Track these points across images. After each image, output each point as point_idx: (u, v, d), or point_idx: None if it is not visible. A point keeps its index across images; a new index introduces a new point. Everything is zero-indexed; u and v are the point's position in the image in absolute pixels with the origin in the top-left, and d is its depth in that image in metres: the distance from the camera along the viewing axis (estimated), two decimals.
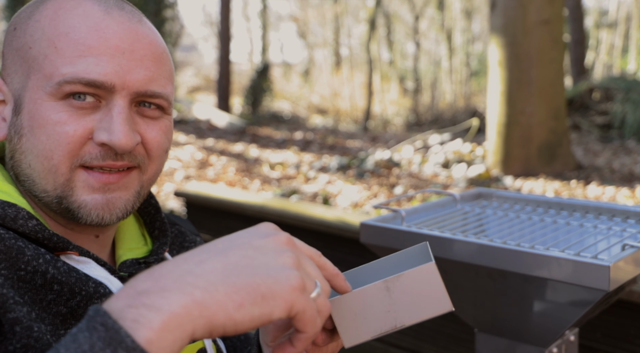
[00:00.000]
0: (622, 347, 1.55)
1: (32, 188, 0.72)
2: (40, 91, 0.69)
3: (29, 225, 0.68)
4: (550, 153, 6.70)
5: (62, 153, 0.69)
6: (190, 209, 2.84)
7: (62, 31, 0.69)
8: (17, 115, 0.71)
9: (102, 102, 0.71)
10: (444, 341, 1.91)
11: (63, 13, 0.71)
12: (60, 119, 0.69)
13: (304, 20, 24.27)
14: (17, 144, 0.71)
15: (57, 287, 0.67)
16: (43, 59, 0.69)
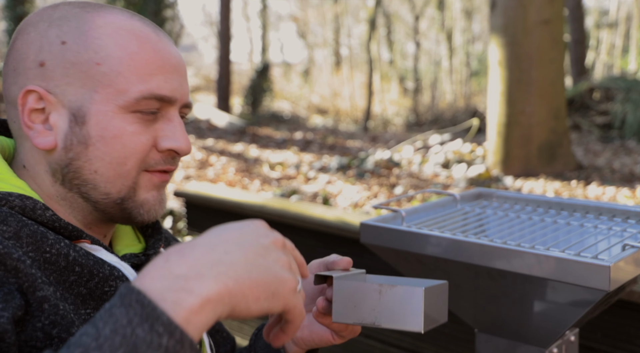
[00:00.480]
0: (622, 347, 1.55)
1: (90, 191, 0.79)
2: (111, 103, 0.76)
3: (47, 215, 0.74)
4: (550, 153, 6.69)
5: (135, 160, 0.78)
6: (190, 210, 2.83)
7: (133, 50, 0.77)
8: (80, 126, 0.76)
9: (159, 114, 0.80)
10: (444, 341, 1.91)
11: (125, 33, 0.78)
12: (134, 130, 0.77)
13: (304, 20, 24.27)
14: (80, 153, 0.77)
15: (78, 269, 0.73)
16: (116, 76, 0.76)
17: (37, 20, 0.79)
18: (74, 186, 0.79)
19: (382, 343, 2.09)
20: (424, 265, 1.29)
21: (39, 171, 0.79)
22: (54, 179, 0.79)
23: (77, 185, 0.78)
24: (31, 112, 0.77)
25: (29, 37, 0.78)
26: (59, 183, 0.79)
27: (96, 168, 0.77)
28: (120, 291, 0.52)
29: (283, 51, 43.41)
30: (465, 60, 20.65)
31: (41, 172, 0.79)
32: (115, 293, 0.53)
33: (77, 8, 0.79)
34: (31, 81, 0.77)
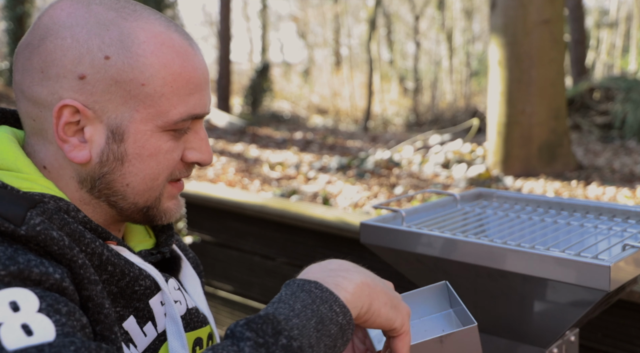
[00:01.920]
0: (622, 347, 1.55)
1: (119, 201, 0.81)
2: (150, 123, 0.77)
3: (79, 216, 0.75)
4: (550, 153, 6.69)
5: (166, 174, 0.81)
6: (190, 209, 2.83)
7: (175, 71, 0.77)
8: (118, 143, 0.77)
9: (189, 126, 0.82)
10: None
11: (168, 51, 0.77)
12: (169, 148, 0.80)
13: (304, 20, 24.27)
14: (116, 168, 0.78)
15: (111, 268, 0.75)
16: (159, 98, 0.77)
17: (72, 24, 0.75)
18: (103, 195, 0.80)
19: None
20: (424, 265, 1.29)
21: (63, 175, 0.79)
22: (81, 186, 0.80)
23: (107, 194, 0.80)
24: (65, 125, 0.76)
25: (64, 43, 0.74)
26: (85, 190, 0.80)
27: (129, 182, 0.79)
28: (292, 283, 0.70)
29: (283, 51, 43.41)
30: (465, 60, 20.64)
31: (65, 177, 0.79)
32: (286, 285, 0.70)
33: (112, 11, 0.76)
34: (67, 92, 0.75)
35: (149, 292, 0.79)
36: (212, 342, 0.90)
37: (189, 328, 0.85)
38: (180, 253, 0.94)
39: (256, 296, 2.56)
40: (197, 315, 0.87)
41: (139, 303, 0.78)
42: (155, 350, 0.79)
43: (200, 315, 0.88)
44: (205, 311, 0.90)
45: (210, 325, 0.90)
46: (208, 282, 2.80)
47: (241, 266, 2.62)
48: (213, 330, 0.91)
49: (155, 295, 0.80)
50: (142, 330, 0.78)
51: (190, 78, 0.79)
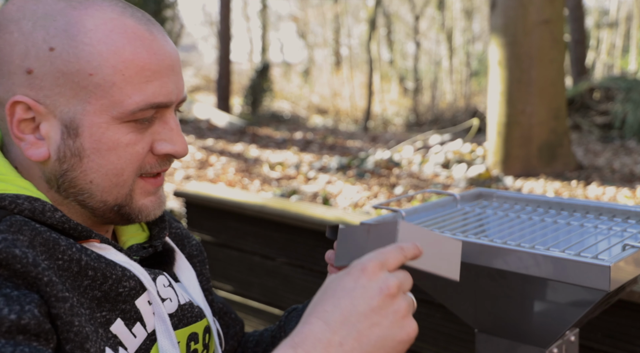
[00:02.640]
0: (622, 347, 1.55)
1: (87, 200, 0.77)
2: (104, 115, 0.73)
3: (56, 217, 0.73)
4: (550, 153, 6.69)
5: (132, 169, 0.77)
6: (190, 210, 2.83)
7: (127, 58, 0.73)
8: (73, 138, 0.74)
9: (155, 116, 0.78)
10: (444, 341, 1.90)
11: (118, 37, 0.73)
12: (130, 141, 0.75)
13: (304, 20, 24.26)
14: (75, 164, 0.75)
15: (91, 273, 0.73)
16: (110, 87, 0.73)
17: (19, 17, 0.73)
18: (70, 194, 0.77)
19: None
20: None
21: (34, 175, 0.77)
22: (49, 186, 0.77)
23: (73, 193, 0.77)
24: (20, 122, 0.73)
25: (11, 38, 0.72)
26: (54, 190, 0.77)
27: (92, 179, 0.76)
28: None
29: (283, 51, 43.38)
30: (465, 60, 20.64)
31: (36, 177, 0.77)
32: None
33: (62, 2, 0.73)
34: (18, 88, 0.72)
35: (134, 293, 0.77)
36: (208, 335, 0.89)
37: (182, 324, 0.83)
38: (173, 246, 0.92)
39: (256, 296, 2.56)
40: (190, 310, 0.85)
41: (124, 305, 0.76)
42: (147, 350, 0.78)
43: (195, 309, 0.86)
44: (202, 304, 0.89)
45: (207, 318, 0.89)
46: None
47: (241, 266, 2.62)
48: (210, 323, 0.89)
49: (141, 295, 0.78)
50: (131, 331, 0.76)
51: (145, 65, 0.74)
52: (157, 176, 0.81)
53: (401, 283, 0.69)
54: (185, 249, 0.97)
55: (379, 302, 0.66)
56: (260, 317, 2.50)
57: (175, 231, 0.98)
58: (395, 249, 0.71)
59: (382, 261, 0.69)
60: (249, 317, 2.54)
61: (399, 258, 0.71)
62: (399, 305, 0.67)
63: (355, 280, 0.67)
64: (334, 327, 0.65)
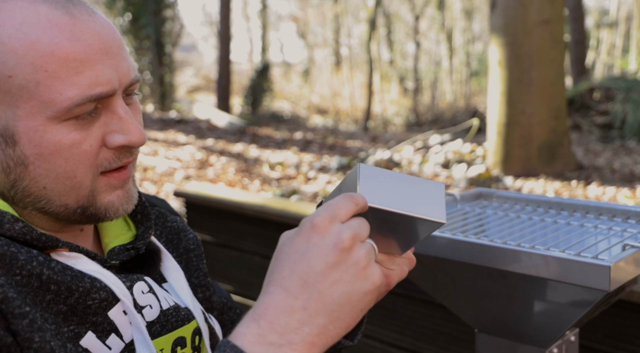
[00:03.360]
0: (622, 347, 1.55)
1: (46, 206, 0.71)
2: (39, 117, 0.66)
3: (16, 228, 0.68)
4: (550, 153, 6.69)
5: (84, 169, 0.70)
6: (190, 210, 2.83)
7: (45, 51, 0.65)
8: (12, 147, 0.67)
9: (100, 107, 0.70)
10: (444, 341, 1.90)
11: (29, 28, 0.65)
12: (74, 141, 0.68)
13: (304, 20, 24.26)
14: (21, 173, 0.69)
15: (54, 287, 0.68)
16: (35, 86, 0.65)
17: None
18: (28, 204, 0.71)
19: (382, 343, 2.09)
20: (424, 265, 1.29)
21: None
22: (5, 198, 0.72)
23: (30, 202, 0.71)
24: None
25: None
26: (11, 202, 0.72)
27: (44, 185, 0.70)
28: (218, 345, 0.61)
29: (283, 51, 43.39)
30: (465, 60, 20.64)
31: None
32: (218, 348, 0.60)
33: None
34: None
35: (106, 304, 0.72)
36: (199, 337, 0.84)
37: (166, 330, 0.79)
38: (159, 245, 0.86)
39: (256, 296, 2.56)
40: (175, 314, 0.80)
41: (95, 317, 0.71)
42: None
43: (182, 313, 0.81)
44: (190, 305, 0.83)
45: (197, 319, 0.83)
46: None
47: (241, 266, 2.62)
48: (199, 325, 0.84)
49: (114, 306, 0.73)
50: (105, 343, 0.72)
51: (68, 55, 0.66)
52: (121, 170, 0.74)
53: (356, 233, 0.64)
54: (182, 243, 0.93)
55: (335, 258, 0.63)
56: None
57: (171, 224, 0.94)
58: (344, 198, 0.66)
59: (332, 214, 0.64)
60: None
61: (350, 206, 0.66)
62: (357, 255, 0.63)
63: (307, 239, 0.64)
64: (294, 293, 0.62)
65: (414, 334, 2.00)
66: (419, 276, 1.37)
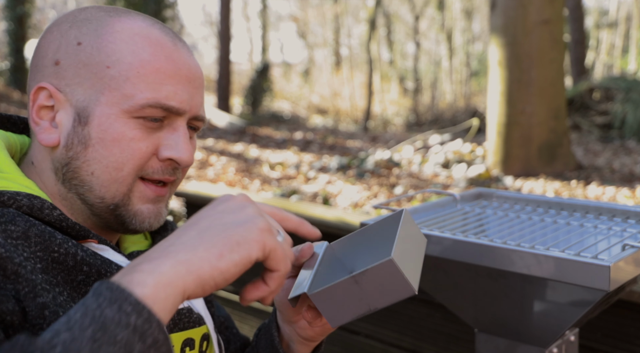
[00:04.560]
0: (622, 347, 1.55)
1: (86, 193, 0.78)
2: (115, 107, 0.76)
3: (54, 214, 0.74)
4: (550, 153, 6.69)
5: (132, 166, 0.78)
6: (190, 210, 2.83)
7: (144, 58, 0.77)
8: (83, 126, 0.77)
9: (165, 122, 0.79)
10: (444, 341, 1.91)
11: (140, 39, 0.78)
12: (135, 136, 0.77)
13: (304, 20, 24.26)
14: (80, 153, 0.77)
15: (86, 269, 0.73)
16: (124, 81, 0.76)
17: (62, 21, 0.81)
18: (73, 186, 0.79)
19: (382, 343, 2.09)
20: (424, 265, 1.29)
21: (44, 168, 0.81)
22: (57, 177, 0.80)
23: (75, 186, 0.79)
24: (40, 108, 0.78)
25: (51, 36, 0.80)
26: (60, 181, 0.80)
27: (93, 170, 0.77)
28: (92, 287, 0.54)
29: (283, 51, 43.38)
30: (465, 60, 20.64)
31: (46, 169, 0.80)
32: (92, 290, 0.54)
33: (103, 12, 0.81)
34: (45, 78, 0.78)
35: None
36: (207, 343, 0.88)
37: (177, 328, 0.83)
38: None
39: None
40: (189, 315, 0.85)
41: None
42: None
43: (194, 316, 0.86)
44: (202, 311, 0.88)
45: (207, 325, 0.88)
46: None
47: None
48: (209, 331, 0.88)
49: None
50: None
51: (161, 67, 0.78)
52: (159, 185, 0.81)
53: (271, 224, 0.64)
54: None
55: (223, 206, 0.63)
56: (261, 316, 2.50)
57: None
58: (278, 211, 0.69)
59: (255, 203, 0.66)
60: (249, 317, 2.54)
61: (276, 212, 0.68)
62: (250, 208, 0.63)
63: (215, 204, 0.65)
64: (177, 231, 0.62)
65: (414, 334, 2.00)
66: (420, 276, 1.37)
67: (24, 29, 13.45)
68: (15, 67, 13.44)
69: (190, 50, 0.84)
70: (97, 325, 0.50)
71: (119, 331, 0.50)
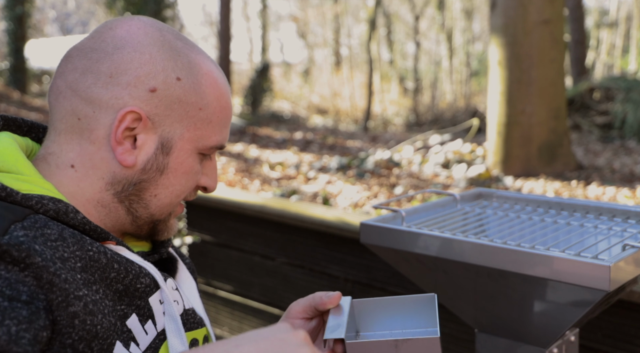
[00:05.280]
0: (622, 347, 1.55)
1: (139, 209, 0.86)
2: (192, 144, 0.86)
3: (78, 218, 0.77)
4: (550, 153, 6.69)
5: (187, 193, 0.89)
6: (190, 209, 2.83)
7: (222, 105, 0.88)
8: (164, 155, 0.85)
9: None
10: (444, 341, 1.91)
11: (218, 87, 0.88)
12: (198, 170, 0.88)
13: (304, 20, 24.26)
14: (153, 178, 0.85)
15: (117, 266, 0.78)
16: (207, 123, 0.86)
17: (149, 43, 0.83)
18: (127, 200, 0.85)
19: None
20: (424, 265, 1.29)
21: (92, 175, 0.83)
22: (108, 187, 0.84)
23: (131, 200, 0.85)
24: (125, 129, 0.82)
25: (142, 57, 0.82)
26: (112, 192, 0.84)
27: (158, 193, 0.86)
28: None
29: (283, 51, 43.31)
30: (465, 60, 20.64)
31: (94, 177, 0.83)
32: None
33: (180, 42, 0.87)
34: (133, 100, 0.82)
35: (149, 290, 0.81)
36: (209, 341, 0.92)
37: (186, 328, 0.86)
38: (176, 255, 0.97)
39: (256, 296, 2.56)
40: (193, 316, 0.89)
41: (140, 301, 0.80)
42: (156, 349, 0.80)
43: (197, 317, 0.90)
44: (202, 313, 0.92)
45: (207, 327, 0.92)
46: (208, 282, 2.80)
47: (241, 266, 2.62)
48: (209, 333, 0.92)
49: (154, 293, 0.82)
50: (144, 328, 0.79)
51: (227, 114, 0.89)
52: (183, 205, 0.92)
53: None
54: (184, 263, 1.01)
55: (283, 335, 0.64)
56: (260, 317, 2.50)
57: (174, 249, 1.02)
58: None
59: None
60: (249, 317, 2.54)
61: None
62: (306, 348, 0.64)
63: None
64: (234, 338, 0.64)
65: None
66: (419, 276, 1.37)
67: (24, 29, 13.45)
68: (15, 67, 13.42)
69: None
70: None
71: None
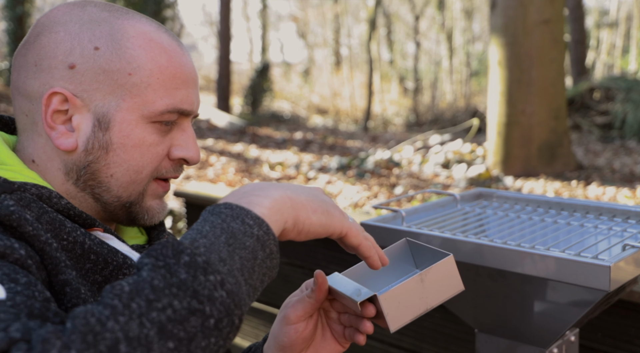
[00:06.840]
0: (622, 347, 1.55)
1: (103, 193, 0.82)
2: (135, 113, 0.79)
3: (62, 203, 0.76)
4: (550, 153, 6.69)
5: (150, 169, 0.82)
6: (190, 210, 2.83)
7: (162, 65, 0.80)
8: (104, 131, 0.79)
9: (175, 123, 0.84)
10: (444, 341, 1.90)
11: (156, 46, 0.81)
12: (153, 141, 0.81)
13: (304, 20, 24.27)
14: (100, 157, 0.80)
15: (94, 257, 0.76)
16: (145, 88, 0.79)
17: (65, 20, 0.79)
18: (88, 187, 0.81)
19: (382, 343, 2.09)
20: None
21: (50, 168, 0.81)
22: (67, 178, 0.81)
23: (91, 186, 0.81)
24: (54, 112, 0.78)
25: (57, 37, 0.78)
26: (71, 181, 0.81)
27: (113, 173, 0.80)
28: (204, 212, 0.64)
29: (283, 51, 43.38)
30: (465, 60, 20.64)
31: (53, 169, 0.81)
32: (200, 216, 0.64)
33: (105, 12, 0.81)
34: (57, 82, 0.78)
35: None
36: None
37: None
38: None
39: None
40: None
41: None
42: None
43: None
44: None
45: None
46: None
47: None
48: None
49: None
50: None
51: (176, 73, 0.81)
52: (167, 182, 0.86)
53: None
54: None
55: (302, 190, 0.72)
56: (260, 317, 2.50)
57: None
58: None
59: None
60: (249, 317, 2.54)
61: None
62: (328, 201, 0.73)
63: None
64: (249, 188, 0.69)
65: (414, 334, 2.00)
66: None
67: (24, 29, 13.45)
68: None
69: (188, 52, 0.87)
70: (228, 234, 0.60)
71: (246, 239, 0.61)
